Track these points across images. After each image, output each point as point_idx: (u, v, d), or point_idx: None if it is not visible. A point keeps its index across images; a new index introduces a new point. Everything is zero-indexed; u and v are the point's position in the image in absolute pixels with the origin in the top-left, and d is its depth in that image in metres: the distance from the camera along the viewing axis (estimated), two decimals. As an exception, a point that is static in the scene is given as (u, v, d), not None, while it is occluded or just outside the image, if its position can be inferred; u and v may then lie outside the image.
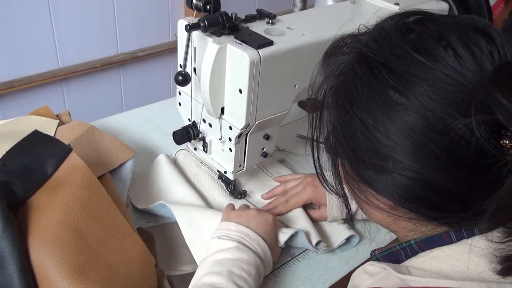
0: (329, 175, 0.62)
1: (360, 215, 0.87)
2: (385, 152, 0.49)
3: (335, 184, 0.60)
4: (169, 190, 0.94)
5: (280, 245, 0.81)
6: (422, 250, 0.54)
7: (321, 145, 0.60)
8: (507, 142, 0.43)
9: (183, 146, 1.03)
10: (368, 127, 0.50)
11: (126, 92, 2.08)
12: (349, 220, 0.73)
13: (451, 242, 0.52)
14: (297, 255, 0.86)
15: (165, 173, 0.96)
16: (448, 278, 0.49)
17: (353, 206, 0.78)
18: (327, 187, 0.63)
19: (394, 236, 0.80)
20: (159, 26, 2.02)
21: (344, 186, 0.59)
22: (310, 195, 0.89)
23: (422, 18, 0.53)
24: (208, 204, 0.92)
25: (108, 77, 1.98)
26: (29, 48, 1.70)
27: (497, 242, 0.48)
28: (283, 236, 0.82)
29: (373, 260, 0.58)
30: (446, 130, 0.45)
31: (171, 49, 2.07)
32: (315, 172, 0.63)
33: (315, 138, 0.60)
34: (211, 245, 0.75)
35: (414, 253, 0.54)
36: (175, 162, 1.02)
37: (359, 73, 0.51)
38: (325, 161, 0.60)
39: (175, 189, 0.93)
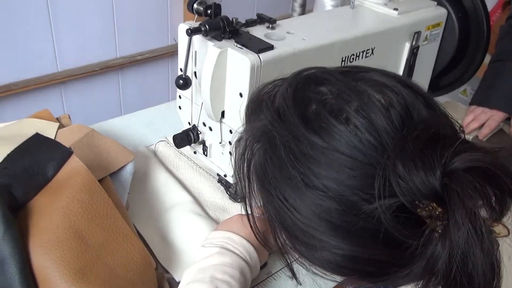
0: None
1: None
2: (309, 232, 0.48)
3: (276, 248, 0.57)
4: (161, 193, 0.95)
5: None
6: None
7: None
8: (424, 213, 0.42)
9: (162, 137, 1.06)
10: (288, 207, 0.48)
11: (124, 95, 2.08)
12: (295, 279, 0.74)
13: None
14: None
15: (157, 176, 0.97)
16: None
17: None
18: (265, 246, 0.63)
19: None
20: (158, 30, 2.03)
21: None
22: None
23: (322, 81, 0.50)
24: (191, 195, 0.93)
25: (106, 80, 1.98)
26: (28, 51, 1.70)
27: None
28: None
29: None
30: (358, 212, 0.44)
31: (170, 53, 2.07)
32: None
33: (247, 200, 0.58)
34: (197, 256, 0.75)
35: None
36: (155, 153, 1.04)
37: (269, 152, 0.50)
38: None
39: (166, 191, 0.94)
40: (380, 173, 0.43)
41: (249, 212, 0.59)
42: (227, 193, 0.96)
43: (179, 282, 0.74)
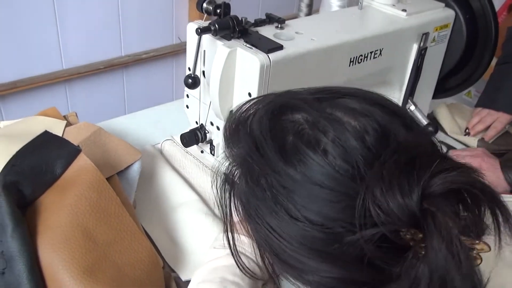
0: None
1: None
2: (297, 257, 0.48)
3: (267, 273, 0.58)
4: (168, 192, 0.95)
5: None
6: None
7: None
8: (408, 236, 0.42)
9: (168, 136, 1.06)
10: (275, 236, 0.48)
11: (129, 94, 2.08)
12: None
13: None
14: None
15: (163, 175, 0.97)
16: None
17: None
18: (246, 273, 0.63)
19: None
20: (163, 29, 2.03)
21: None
22: None
23: (297, 109, 0.50)
24: (197, 194, 0.94)
25: (111, 78, 1.98)
26: (33, 49, 1.70)
27: None
28: None
29: None
30: (341, 240, 0.44)
31: (175, 51, 2.07)
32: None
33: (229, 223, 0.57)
34: (207, 256, 0.75)
35: None
36: (161, 152, 1.04)
37: (250, 184, 0.50)
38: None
39: (173, 190, 0.95)
40: (359, 203, 0.42)
41: (231, 243, 0.59)
42: (233, 192, 0.96)
43: (185, 282, 0.74)
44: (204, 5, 0.80)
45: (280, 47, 0.76)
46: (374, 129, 0.46)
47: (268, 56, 0.74)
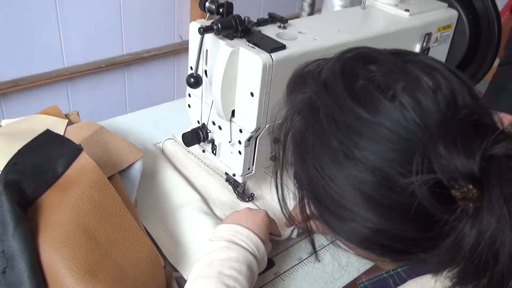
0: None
1: None
2: (341, 202, 0.49)
3: (301, 219, 0.59)
4: (169, 192, 0.95)
5: (283, 238, 0.85)
6: (410, 277, 0.54)
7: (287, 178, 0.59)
8: (458, 194, 0.43)
9: (170, 135, 1.07)
10: (323, 176, 0.49)
11: (130, 92, 2.08)
12: (314, 253, 0.72)
13: None
14: (304, 259, 0.86)
15: (164, 174, 0.97)
16: None
17: None
18: (290, 221, 0.63)
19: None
20: (165, 28, 2.03)
21: (312, 223, 0.59)
22: None
23: (371, 60, 0.51)
24: (199, 193, 0.94)
25: (112, 77, 1.98)
26: (35, 47, 1.70)
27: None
28: (287, 228, 0.86)
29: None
30: (393, 186, 0.45)
31: (176, 50, 2.07)
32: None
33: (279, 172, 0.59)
34: (204, 249, 0.75)
35: (403, 280, 0.55)
36: (163, 151, 1.04)
37: (311, 122, 0.51)
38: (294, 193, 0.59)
39: (174, 190, 0.94)
40: (421, 150, 0.44)
41: (279, 188, 0.60)
42: (235, 192, 0.95)
43: (186, 280, 0.74)
44: (207, 4, 0.79)
45: (282, 47, 0.76)
46: (447, 87, 0.47)
47: (270, 55, 0.74)
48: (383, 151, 0.45)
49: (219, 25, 0.75)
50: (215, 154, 0.90)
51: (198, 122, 0.91)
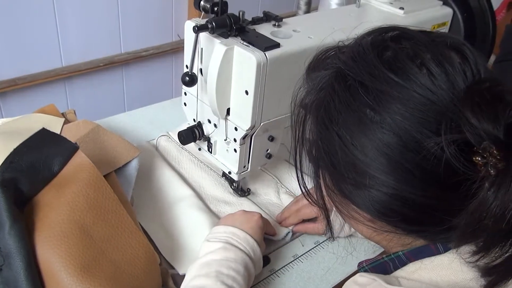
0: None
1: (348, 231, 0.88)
2: (362, 168, 0.50)
3: (316, 195, 0.60)
4: (163, 188, 0.95)
5: (278, 238, 0.87)
6: (410, 261, 0.55)
7: (304, 157, 0.60)
8: (479, 159, 0.44)
9: (164, 131, 1.08)
10: (345, 143, 0.50)
11: (128, 91, 2.08)
12: (329, 233, 0.73)
13: (438, 253, 0.53)
14: (299, 256, 0.86)
15: (158, 171, 0.98)
16: (438, 287, 0.50)
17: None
18: (309, 199, 0.63)
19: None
20: (163, 26, 2.03)
21: (326, 199, 0.59)
22: None
23: (399, 34, 0.53)
24: (193, 189, 0.94)
25: (111, 76, 1.99)
26: (33, 46, 1.71)
27: (469, 262, 0.49)
28: (282, 229, 0.87)
29: (362, 272, 0.59)
30: (419, 148, 0.46)
31: (174, 49, 2.08)
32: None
33: (297, 149, 0.60)
34: (201, 250, 0.76)
35: (402, 264, 0.55)
36: (156, 148, 1.05)
37: (338, 90, 0.52)
38: (309, 171, 0.60)
39: (168, 186, 0.95)
40: (448, 113, 0.46)
41: (297, 165, 0.61)
42: (231, 187, 0.96)
43: (183, 276, 0.74)
44: (202, 3, 0.80)
45: (277, 45, 0.77)
46: (472, 61, 0.49)
47: (265, 54, 0.74)
48: (411, 115, 0.47)
49: (214, 23, 0.76)
50: (211, 152, 0.91)
51: (194, 120, 0.92)
